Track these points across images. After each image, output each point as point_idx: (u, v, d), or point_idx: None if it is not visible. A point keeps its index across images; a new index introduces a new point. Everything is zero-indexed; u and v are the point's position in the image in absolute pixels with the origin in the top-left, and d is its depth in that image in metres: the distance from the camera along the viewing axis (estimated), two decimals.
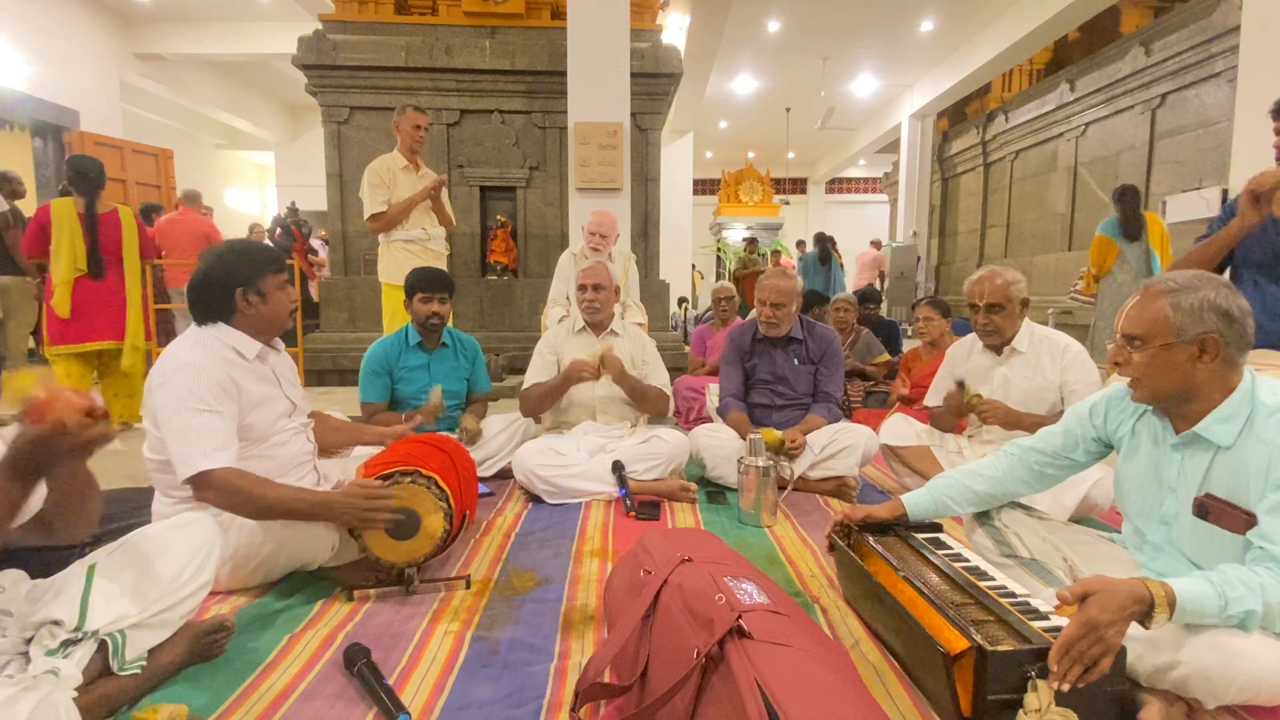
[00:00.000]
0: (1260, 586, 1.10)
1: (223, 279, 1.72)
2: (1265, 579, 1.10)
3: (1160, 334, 1.25)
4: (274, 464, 1.78)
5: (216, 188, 13.22)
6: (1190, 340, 1.23)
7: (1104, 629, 1.04)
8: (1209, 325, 1.23)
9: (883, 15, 9.51)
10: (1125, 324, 1.31)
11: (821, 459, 2.61)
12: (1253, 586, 1.09)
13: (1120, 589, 1.07)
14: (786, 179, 19.33)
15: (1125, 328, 1.31)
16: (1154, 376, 1.28)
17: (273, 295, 1.77)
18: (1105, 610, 1.04)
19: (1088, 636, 1.04)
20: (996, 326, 2.35)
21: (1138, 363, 1.29)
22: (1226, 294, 1.25)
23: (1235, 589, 1.09)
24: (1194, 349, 1.24)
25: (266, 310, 1.76)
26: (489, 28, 5.91)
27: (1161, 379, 1.27)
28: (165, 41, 9.49)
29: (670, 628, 1.14)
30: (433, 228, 3.71)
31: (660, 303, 5.99)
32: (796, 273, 3.75)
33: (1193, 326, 1.23)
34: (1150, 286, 1.30)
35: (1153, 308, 1.27)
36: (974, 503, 1.65)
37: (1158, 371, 1.27)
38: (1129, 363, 1.30)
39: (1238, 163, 4.70)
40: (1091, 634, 1.04)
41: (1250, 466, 1.21)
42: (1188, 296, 1.24)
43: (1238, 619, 1.10)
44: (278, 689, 1.32)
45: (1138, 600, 1.07)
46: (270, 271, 1.76)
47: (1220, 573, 1.12)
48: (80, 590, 1.21)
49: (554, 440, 2.68)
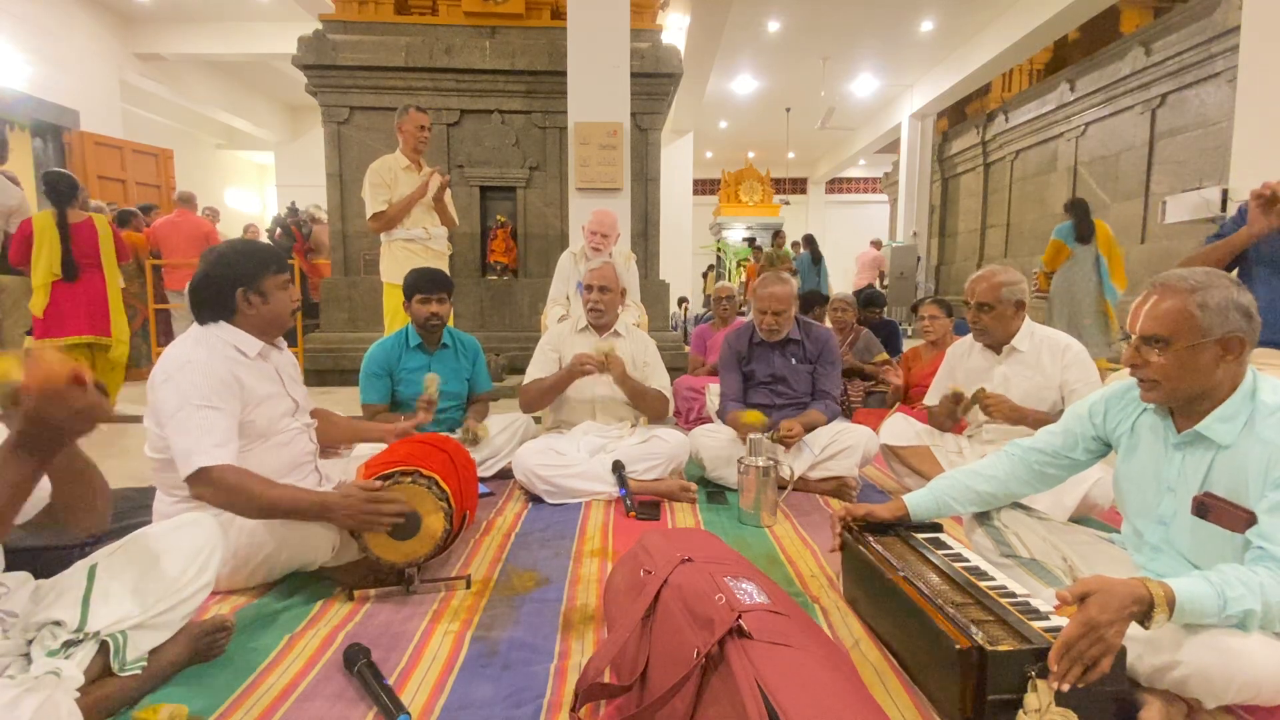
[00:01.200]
0: (1259, 586, 1.09)
1: (224, 279, 1.72)
2: (1264, 579, 1.10)
3: (1187, 334, 1.20)
4: (276, 463, 1.78)
5: (216, 188, 13.23)
6: (1217, 340, 1.19)
7: (1103, 629, 1.04)
8: (1234, 324, 1.19)
9: (883, 15, 9.51)
10: (1147, 324, 1.24)
11: (821, 459, 2.61)
12: (1252, 586, 1.09)
13: (1119, 589, 1.07)
14: (786, 179, 19.32)
15: (1147, 329, 1.24)
16: (1176, 378, 1.22)
17: (274, 295, 1.77)
18: (1105, 610, 1.04)
19: (1087, 636, 1.04)
20: (985, 326, 2.35)
21: (1159, 364, 1.23)
22: (1241, 291, 1.21)
23: (1234, 589, 1.09)
24: (1219, 349, 1.20)
25: (268, 310, 1.76)
26: (489, 28, 5.92)
27: (1184, 380, 1.23)
28: (165, 41, 9.49)
29: (670, 628, 1.14)
30: (434, 227, 3.71)
31: (660, 303, 5.99)
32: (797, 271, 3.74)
33: (1220, 326, 1.19)
34: (1167, 284, 1.24)
35: (1177, 307, 1.21)
36: (976, 503, 1.65)
37: (1180, 373, 1.22)
38: (1147, 364, 1.25)
39: (1238, 163, 4.70)
40: (1091, 634, 1.04)
41: (1250, 466, 1.20)
42: (1212, 295, 1.19)
43: (1237, 619, 1.10)
44: (278, 689, 1.32)
45: (1137, 600, 1.07)
46: (272, 271, 1.76)
47: (1219, 572, 1.12)
48: (82, 591, 1.21)
49: (554, 440, 2.68)
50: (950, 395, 2.39)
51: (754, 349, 2.82)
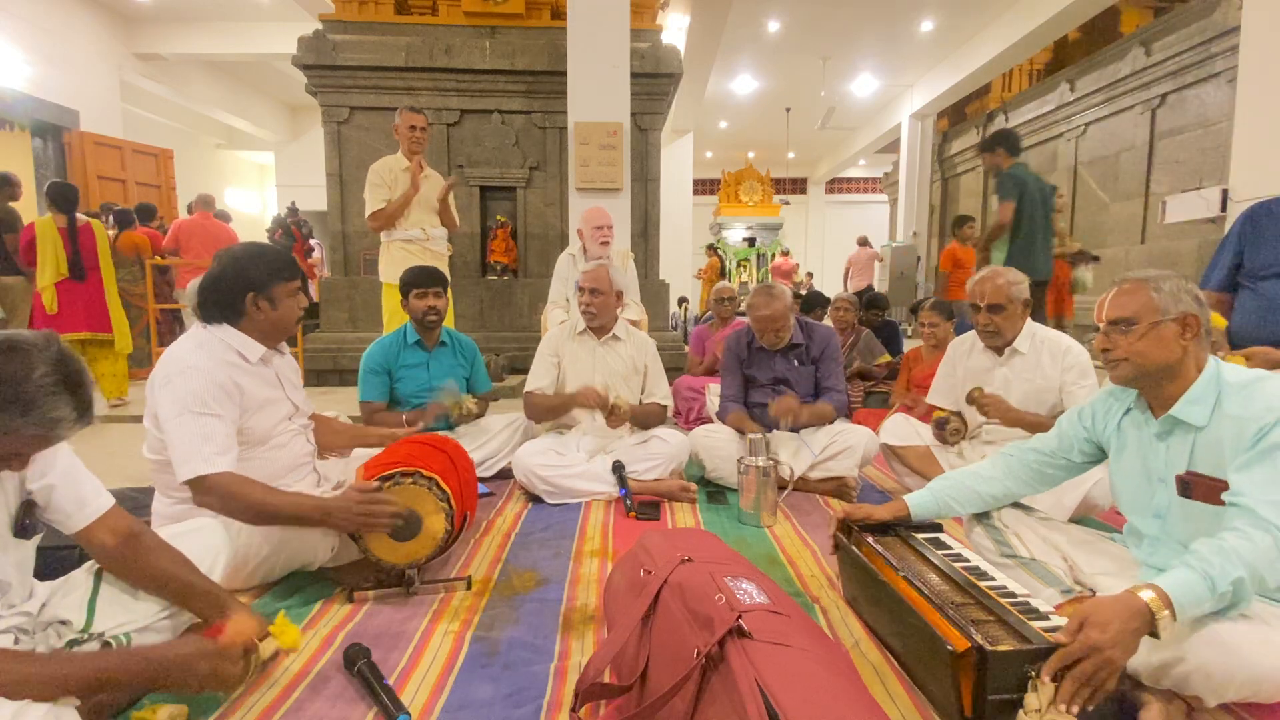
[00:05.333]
0: (1234, 551, 1.10)
1: (235, 281, 1.71)
2: (1234, 542, 1.11)
3: (1149, 314, 1.34)
4: (273, 465, 1.78)
5: (216, 188, 13.22)
6: (1175, 318, 1.33)
7: (1106, 650, 1.03)
8: (1188, 305, 1.34)
9: (883, 15, 9.51)
10: (1112, 311, 1.39)
11: (822, 459, 2.61)
12: (1228, 554, 1.10)
13: (1114, 608, 1.07)
14: (786, 179, 19.32)
15: (1112, 314, 1.39)
16: (1142, 354, 1.35)
17: (283, 302, 1.76)
18: (1105, 630, 1.04)
19: (1091, 659, 1.04)
20: (997, 327, 2.35)
21: (1127, 344, 1.36)
22: (1189, 281, 1.39)
23: (1214, 565, 1.09)
24: (1177, 326, 1.34)
25: (275, 316, 1.76)
26: (489, 28, 5.91)
27: (1149, 356, 1.34)
28: (165, 41, 9.49)
29: (670, 628, 1.14)
30: (432, 228, 3.71)
31: (660, 303, 5.98)
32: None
33: (1175, 306, 1.34)
34: (1126, 280, 1.41)
35: (1137, 294, 1.37)
36: (976, 503, 1.66)
37: (1146, 349, 1.34)
38: (1115, 347, 1.38)
39: (1238, 163, 4.71)
40: (1094, 656, 1.04)
41: (1224, 442, 1.27)
42: (1165, 281, 1.36)
43: (1231, 592, 1.09)
44: (278, 689, 1.32)
45: (1135, 614, 1.06)
46: (284, 279, 1.75)
47: (1193, 554, 1.13)
48: (88, 593, 1.21)
49: (554, 440, 2.68)
50: (935, 421, 2.41)
51: (754, 354, 2.81)
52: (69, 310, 4.29)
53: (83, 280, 4.31)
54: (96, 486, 1.26)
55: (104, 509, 1.25)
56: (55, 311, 4.24)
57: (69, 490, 1.20)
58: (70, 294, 4.29)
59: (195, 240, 6.03)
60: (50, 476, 1.17)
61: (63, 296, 4.27)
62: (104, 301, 4.43)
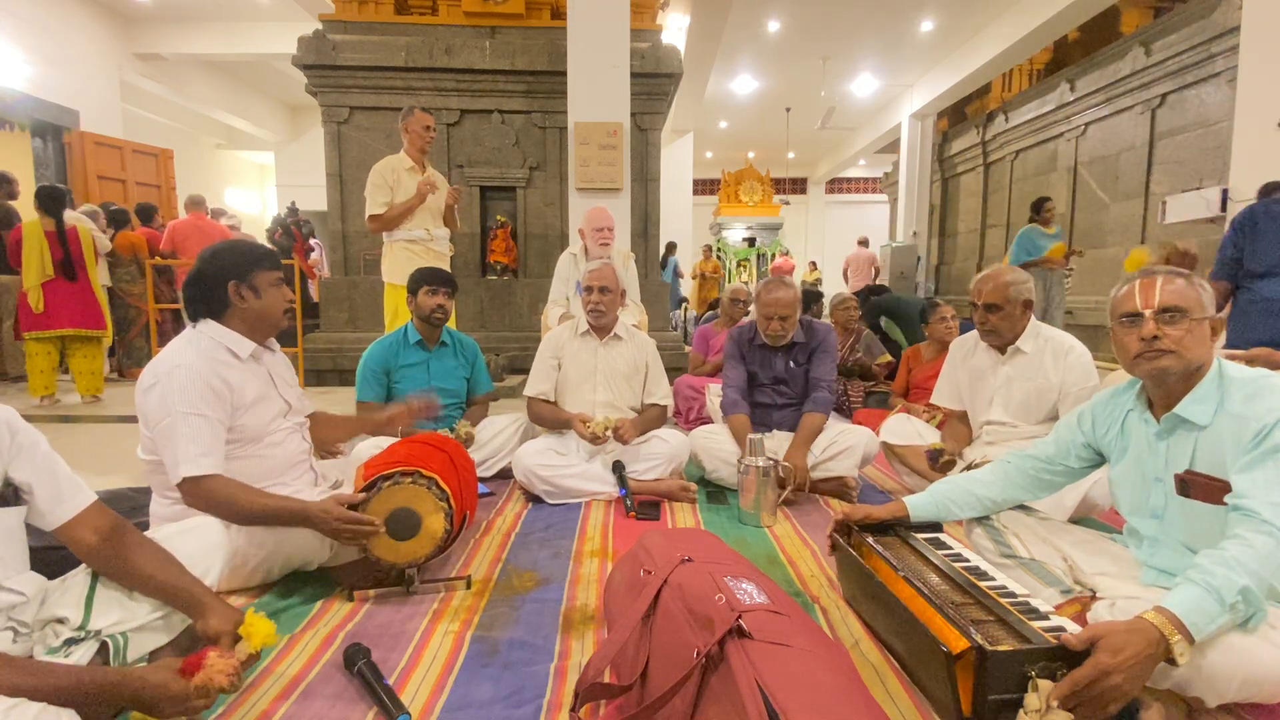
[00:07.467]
0: (1235, 560, 1.09)
1: (216, 272, 1.72)
2: (1235, 550, 1.10)
3: (1198, 308, 1.32)
4: (269, 464, 1.78)
5: (216, 188, 13.22)
6: (1209, 319, 1.33)
7: (1114, 674, 1.02)
8: (1213, 310, 1.34)
9: (883, 15, 9.51)
10: (1165, 298, 1.32)
11: (822, 460, 2.61)
12: (1230, 563, 1.09)
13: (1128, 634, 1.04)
14: (786, 179, 19.32)
15: (1166, 301, 1.32)
16: (1188, 348, 1.30)
17: (266, 291, 1.75)
18: (1117, 655, 1.02)
19: (1100, 682, 1.03)
20: (994, 326, 2.35)
21: (1175, 335, 1.30)
22: None
23: (1217, 576, 1.08)
24: (1210, 329, 1.33)
25: (260, 306, 1.75)
26: (489, 28, 5.91)
27: (1193, 351, 1.31)
28: (165, 41, 9.49)
29: (670, 628, 1.14)
30: (436, 229, 3.71)
31: (660, 303, 5.98)
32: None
33: (1210, 308, 1.34)
34: (1167, 270, 1.36)
35: (1186, 286, 1.33)
36: (976, 507, 1.66)
37: (1192, 343, 1.31)
38: (1165, 336, 1.31)
39: (1238, 163, 4.71)
40: (1103, 679, 1.03)
41: (1226, 441, 1.26)
42: (1201, 283, 1.35)
43: (1241, 604, 1.08)
44: (278, 689, 1.32)
45: (1150, 642, 1.04)
46: (264, 267, 1.75)
47: (1196, 568, 1.11)
48: (85, 590, 1.21)
49: (554, 440, 2.68)
50: (929, 453, 2.40)
51: (755, 351, 2.81)
52: (56, 308, 4.50)
53: (74, 280, 4.53)
54: (76, 483, 1.23)
55: (83, 505, 1.22)
56: (41, 310, 4.45)
57: (46, 486, 1.18)
58: (60, 293, 4.51)
59: (191, 241, 6.02)
60: (25, 472, 1.15)
61: (51, 295, 4.48)
62: (96, 298, 4.64)
